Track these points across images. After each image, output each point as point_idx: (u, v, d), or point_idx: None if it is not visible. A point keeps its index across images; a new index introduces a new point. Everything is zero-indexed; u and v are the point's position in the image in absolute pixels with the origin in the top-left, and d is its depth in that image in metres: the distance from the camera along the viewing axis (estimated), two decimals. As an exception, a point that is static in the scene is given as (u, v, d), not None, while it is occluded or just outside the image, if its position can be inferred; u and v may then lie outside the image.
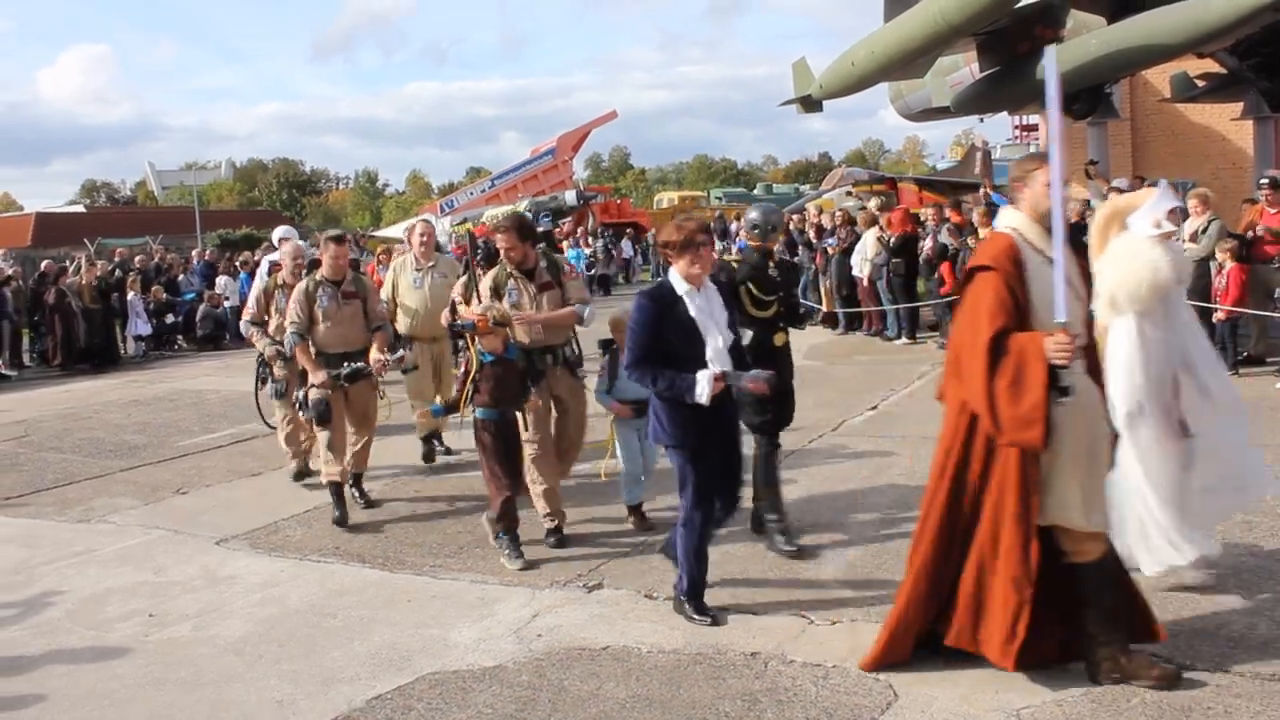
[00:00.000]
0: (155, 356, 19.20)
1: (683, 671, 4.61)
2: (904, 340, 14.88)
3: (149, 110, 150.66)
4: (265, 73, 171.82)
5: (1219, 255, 11.05)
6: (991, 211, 13.95)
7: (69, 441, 10.86)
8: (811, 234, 17.83)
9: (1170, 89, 21.23)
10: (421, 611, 5.53)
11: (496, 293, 6.67)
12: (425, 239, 8.97)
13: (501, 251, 6.84)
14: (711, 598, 5.28)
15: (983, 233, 13.15)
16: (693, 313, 5.03)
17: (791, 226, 18.80)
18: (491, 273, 6.83)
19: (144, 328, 19.41)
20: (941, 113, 22.33)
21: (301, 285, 7.50)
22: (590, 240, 29.27)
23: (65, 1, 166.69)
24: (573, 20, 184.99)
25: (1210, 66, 19.31)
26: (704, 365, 4.97)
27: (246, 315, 8.59)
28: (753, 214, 6.49)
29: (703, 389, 4.88)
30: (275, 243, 10.94)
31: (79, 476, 9.16)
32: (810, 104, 21.85)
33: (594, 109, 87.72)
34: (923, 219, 15.35)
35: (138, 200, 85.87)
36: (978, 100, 19.57)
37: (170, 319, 20.35)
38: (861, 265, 15.59)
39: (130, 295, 19.20)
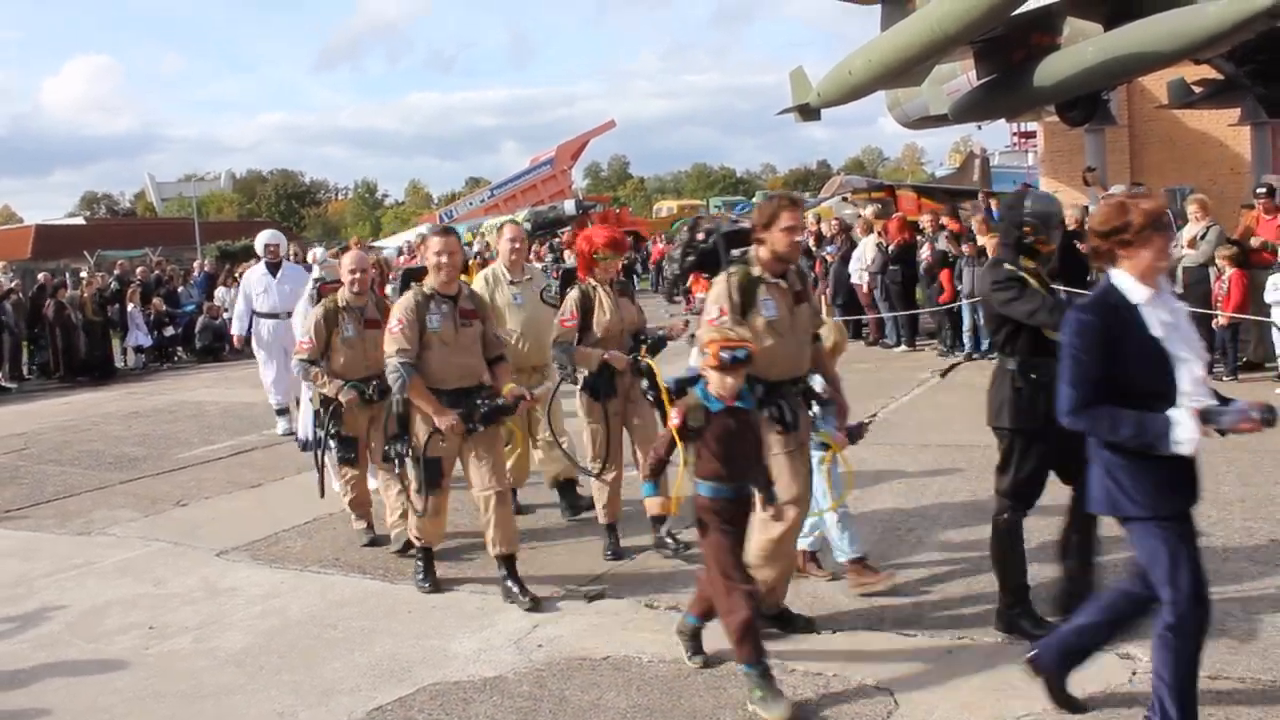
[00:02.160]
0: (155, 368, 19.21)
1: (683, 681, 4.60)
2: (903, 348, 14.88)
3: (151, 121, 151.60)
4: (268, 83, 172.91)
5: (1219, 261, 11.06)
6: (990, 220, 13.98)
7: (69, 454, 10.86)
8: (811, 242, 17.83)
9: (1167, 95, 21.26)
10: (422, 622, 5.53)
11: (744, 307, 4.89)
12: (517, 245, 7.34)
13: (778, 242, 4.93)
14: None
15: (981, 240, 13.17)
16: (1156, 330, 3.62)
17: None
18: (726, 278, 4.96)
19: (143, 339, 19.42)
20: (939, 120, 22.36)
21: (408, 300, 5.80)
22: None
23: (71, 12, 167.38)
24: (579, 30, 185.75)
25: (1207, 73, 19.35)
26: (1171, 402, 3.59)
27: (302, 353, 6.84)
28: (1033, 203, 4.92)
29: (1186, 434, 3.52)
30: (311, 258, 10.53)
31: (79, 489, 9.16)
32: (808, 112, 21.91)
33: (595, 118, 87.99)
34: (921, 227, 15.35)
35: (137, 212, 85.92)
36: (975, 108, 19.61)
37: (170, 330, 20.36)
38: (860, 273, 15.61)
39: (130, 307, 19.21)
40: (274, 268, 11.43)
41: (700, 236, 5.59)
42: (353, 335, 6.75)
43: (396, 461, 5.91)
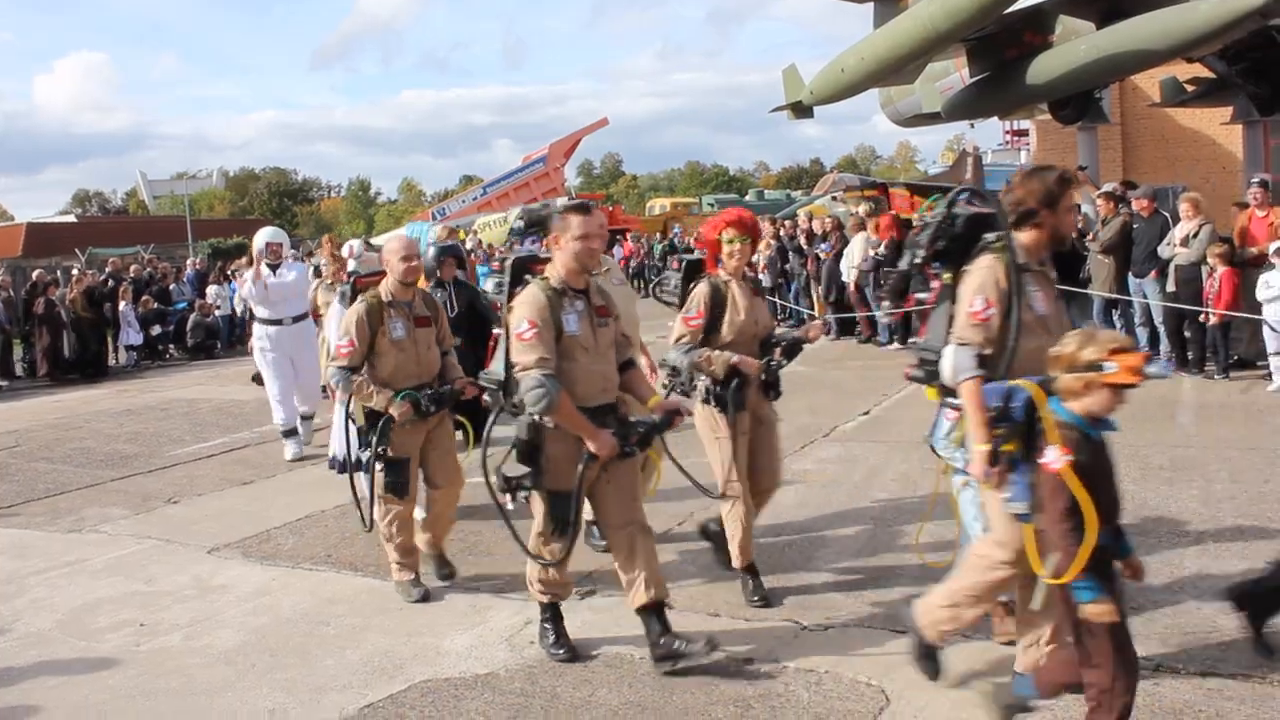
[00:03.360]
0: (147, 366, 19.17)
1: (675, 677, 4.60)
2: (895, 346, 14.90)
3: (143, 119, 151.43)
4: (261, 81, 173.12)
5: (1210, 259, 11.09)
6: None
7: (60, 451, 10.83)
8: (803, 240, 17.86)
9: (1160, 94, 21.33)
10: (414, 619, 5.52)
11: (1009, 299, 4.05)
12: (601, 229, 5.25)
13: (1063, 224, 4.25)
14: (705, 603, 5.28)
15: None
16: None
17: (782, 233, 18.84)
18: (993, 262, 4.09)
19: (135, 337, 19.39)
20: (932, 118, 22.41)
21: (535, 297, 4.62)
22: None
23: (63, 10, 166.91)
24: (573, 29, 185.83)
25: (1200, 71, 19.40)
26: None
27: (341, 359, 5.75)
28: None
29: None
30: (348, 251, 9.16)
31: (70, 486, 9.14)
32: (801, 110, 21.92)
33: (589, 116, 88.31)
34: (915, 224, 15.35)
35: (129, 209, 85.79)
36: (968, 106, 19.64)
37: (160, 328, 20.32)
38: (849, 271, 15.63)
39: (122, 305, 19.18)
40: (275, 270, 10.27)
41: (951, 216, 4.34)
42: (402, 335, 5.75)
43: (515, 500, 4.75)
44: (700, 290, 5.39)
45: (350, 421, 6.07)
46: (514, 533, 4.81)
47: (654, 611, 4.72)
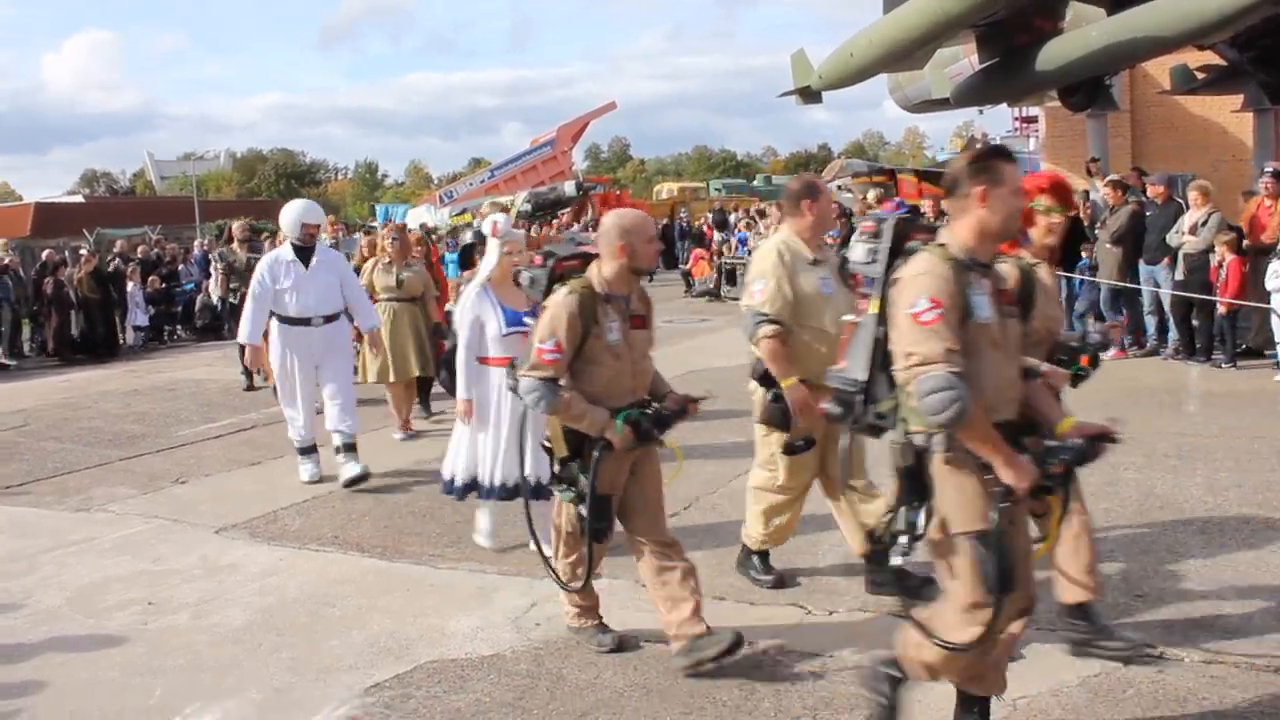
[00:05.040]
0: (154, 346, 19.21)
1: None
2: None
3: (150, 99, 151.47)
4: (269, 62, 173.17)
5: (1218, 248, 11.06)
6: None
7: (68, 431, 10.87)
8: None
9: (1170, 81, 21.21)
10: (420, 601, 5.55)
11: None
12: (833, 206, 5.21)
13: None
14: (709, 588, 5.29)
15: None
16: None
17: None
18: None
19: (143, 318, 19.42)
20: (941, 104, 22.32)
21: (937, 267, 3.34)
22: (591, 230, 29.28)
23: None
24: (580, 11, 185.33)
25: (1210, 59, 19.29)
26: None
27: (546, 368, 4.34)
28: None
29: None
30: (490, 228, 6.24)
31: (78, 465, 9.17)
32: (810, 95, 21.85)
33: (596, 99, 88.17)
34: (922, 211, 15.32)
35: (136, 190, 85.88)
36: (977, 92, 19.56)
37: (168, 309, 20.34)
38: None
39: (130, 285, 19.21)
40: (306, 254, 8.05)
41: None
42: (618, 339, 4.40)
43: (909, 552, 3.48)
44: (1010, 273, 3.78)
45: (543, 448, 4.91)
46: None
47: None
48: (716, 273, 22.19)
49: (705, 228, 27.38)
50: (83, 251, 20.38)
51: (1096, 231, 12.43)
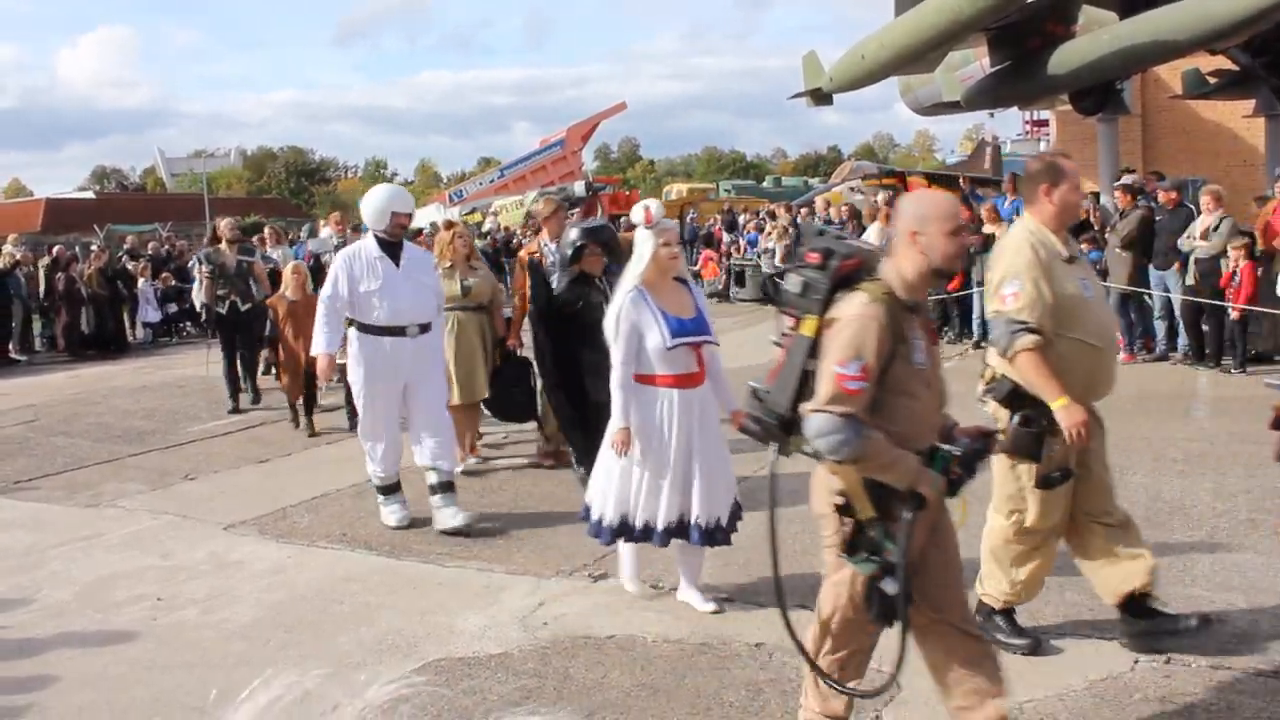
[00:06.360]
0: (164, 343, 19.27)
1: (687, 661, 4.63)
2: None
3: (163, 96, 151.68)
4: (282, 60, 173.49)
5: (1231, 253, 11.03)
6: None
7: (78, 426, 10.91)
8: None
9: (1182, 85, 21.15)
10: (427, 598, 5.56)
11: None
12: (1078, 192, 4.57)
13: None
14: (713, 587, 5.30)
15: (989, 228, 13.12)
16: None
17: (799, 220, 18.81)
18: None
19: (153, 314, 19.47)
20: (952, 107, 22.31)
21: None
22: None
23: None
24: (594, 11, 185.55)
25: (1222, 63, 19.22)
26: None
27: (852, 399, 3.17)
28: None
29: None
30: (642, 214, 5.25)
31: (88, 461, 9.20)
32: (820, 97, 21.82)
33: (609, 99, 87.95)
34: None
35: (146, 187, 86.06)
36: (988, 95, 19.54)
37: (178, 306, 20.39)
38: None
39: (140, 282, 19.27)
40: (395, 250, 6.75)
41: None
42: (925, 362, 3.37)
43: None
44: None
45: (836, 508, 3.41)
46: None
47: None
48: (725, 274, 22.19)
49: (714, 229, 27.37)
50: (93, 248, 20.43)
51: (1106, 236, 12.40)
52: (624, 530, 5.20)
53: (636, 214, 5.31)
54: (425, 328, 6.74)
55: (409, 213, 6.85)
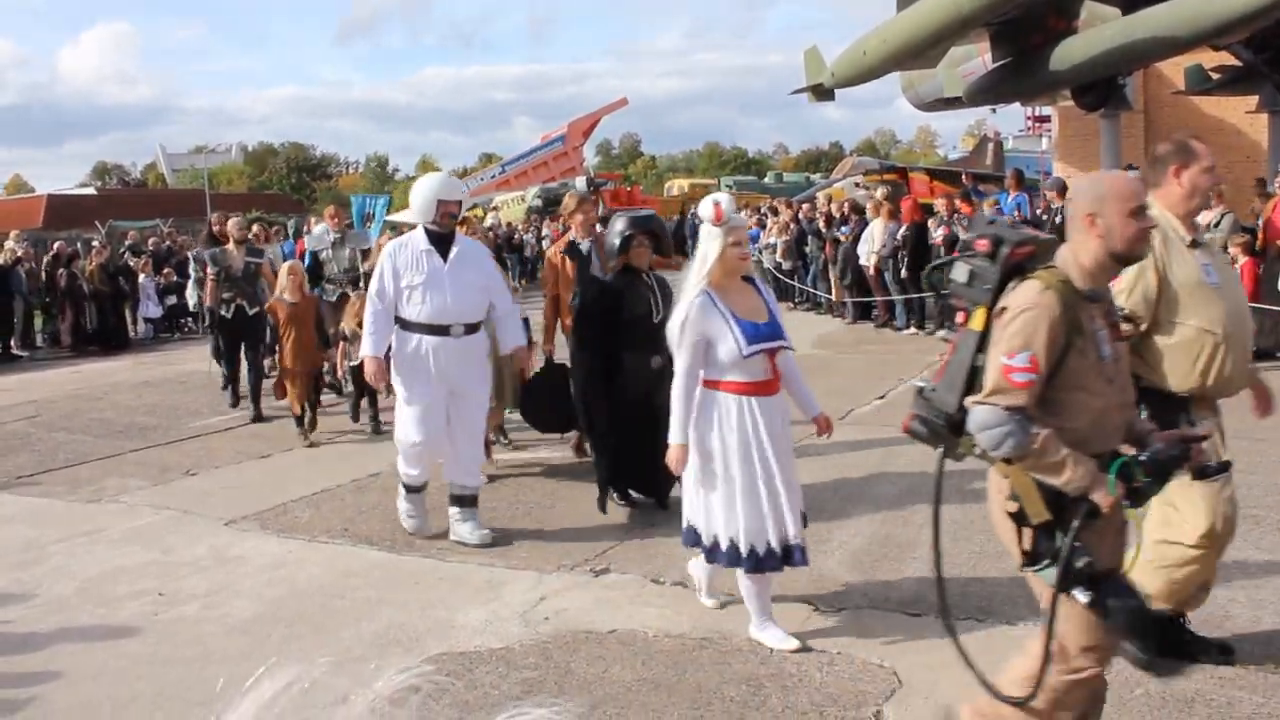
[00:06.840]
0: (165, 338, 19.28)
1: (688, 656, 4.64)
2: (912, 330, 14.86)
3: (165, 91, 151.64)
4: (283, 56, 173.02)
5: (1231, 249, 11.02)
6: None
7: (79, 422, 10.91)
8: (821, 223, 17.81)
9: (1184, 81, 21.15)
10: (429, 593, 5.56)
11: None
12: (1207, 175, 4.24)
13: None
14: (722, 584, 5.30)
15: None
16: None
17: (801, 215, 18.80)
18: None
19: (154, 310, 19.48)
20: (953, 103, 22.32)
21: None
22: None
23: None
24: (603, 6, 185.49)
25: (1225, 59, 19.25)
26: None
27: (1017, 393, 3.00)
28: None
29: None
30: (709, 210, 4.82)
31: (89, 456, 9.21)
32: (822, 93, 21.85)
33: (610, 95, 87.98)
34: (935, 209, 15.30)
35: (147, 183, 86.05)
36: (990, 91, 19.56)
37: (179, 301, 20.38)
38: (868, 255, 15.58)
39: (141, 277, 19.27)
40: (444, 243, 6.30)
41: None
42: (1110, 356, 3.13)
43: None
44: None
45: (1009, 515, 3.15)
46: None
47: None
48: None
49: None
50: (95, 243, 20.44)
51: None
52: (748, 558, 4.66)
53: (705, 210, 4.81)
54: (472, 328, 6.31)
55: (458, 200, 6.35)
